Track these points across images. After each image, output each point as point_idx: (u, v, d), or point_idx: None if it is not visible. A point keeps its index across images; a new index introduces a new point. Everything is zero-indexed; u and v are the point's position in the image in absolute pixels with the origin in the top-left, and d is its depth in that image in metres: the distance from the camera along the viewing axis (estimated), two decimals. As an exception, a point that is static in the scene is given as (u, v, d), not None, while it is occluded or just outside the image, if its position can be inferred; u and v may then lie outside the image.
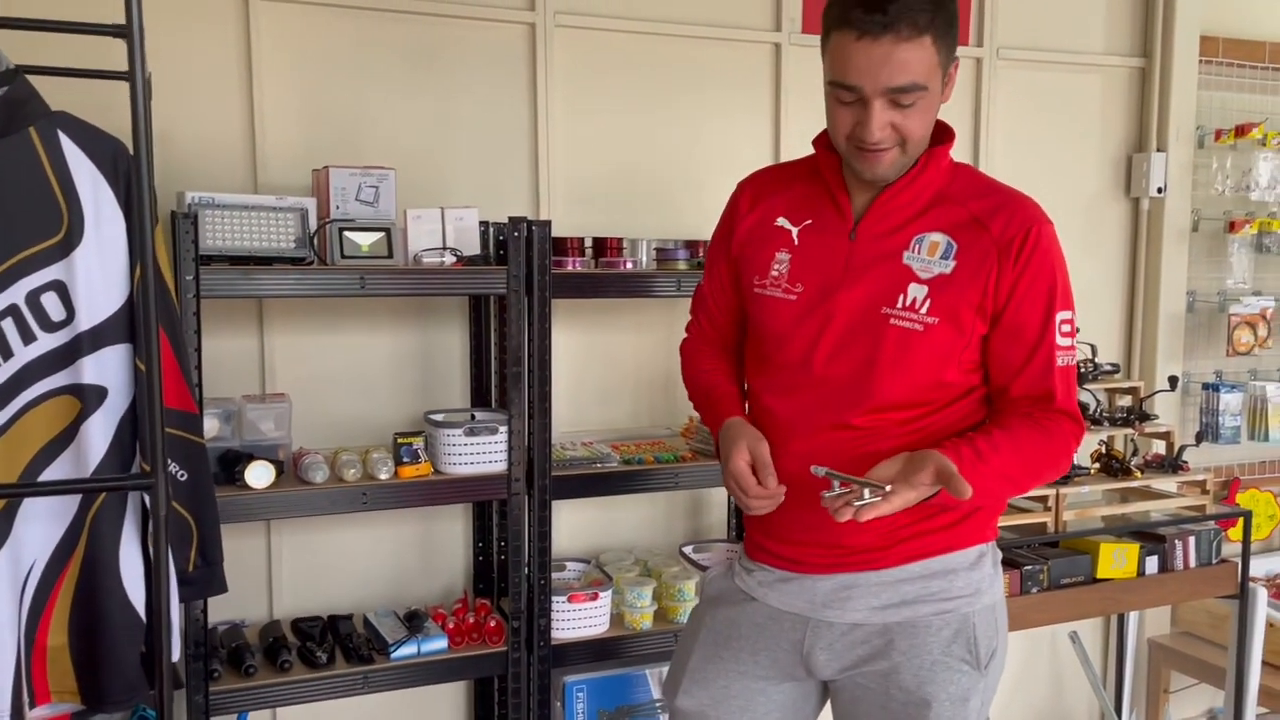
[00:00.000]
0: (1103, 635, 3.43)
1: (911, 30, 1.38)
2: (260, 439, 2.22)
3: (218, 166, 2.35)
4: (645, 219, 2.71)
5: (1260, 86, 3.41)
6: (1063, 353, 1.54)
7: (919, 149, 1.52)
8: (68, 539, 1.61)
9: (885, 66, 1.40)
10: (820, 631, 1.59)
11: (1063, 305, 1.54)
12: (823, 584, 1.59)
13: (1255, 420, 3.39)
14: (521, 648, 2.32)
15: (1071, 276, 1.59)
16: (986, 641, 1.58)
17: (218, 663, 2.15)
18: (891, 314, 1.52)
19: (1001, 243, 1.51)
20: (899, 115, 1.44)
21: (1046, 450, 1.54)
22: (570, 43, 2.62)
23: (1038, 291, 1.52)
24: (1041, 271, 1.52)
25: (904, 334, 1.51)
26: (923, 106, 1.46)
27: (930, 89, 1.45)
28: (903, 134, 1.46)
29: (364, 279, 2.12)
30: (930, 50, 1.42)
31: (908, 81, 1.41)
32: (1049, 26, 3.17)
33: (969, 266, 1.51)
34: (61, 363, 1.57)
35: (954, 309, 1.51)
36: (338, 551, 2.53)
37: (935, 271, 1.51)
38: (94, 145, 1.57)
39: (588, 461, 2.41)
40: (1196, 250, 3.36)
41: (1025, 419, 1.54)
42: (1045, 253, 1.52)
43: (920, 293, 1.51)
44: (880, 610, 1.56)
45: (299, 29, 2.40)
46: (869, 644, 1.57)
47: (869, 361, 1.52)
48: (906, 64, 1.40)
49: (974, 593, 1.58)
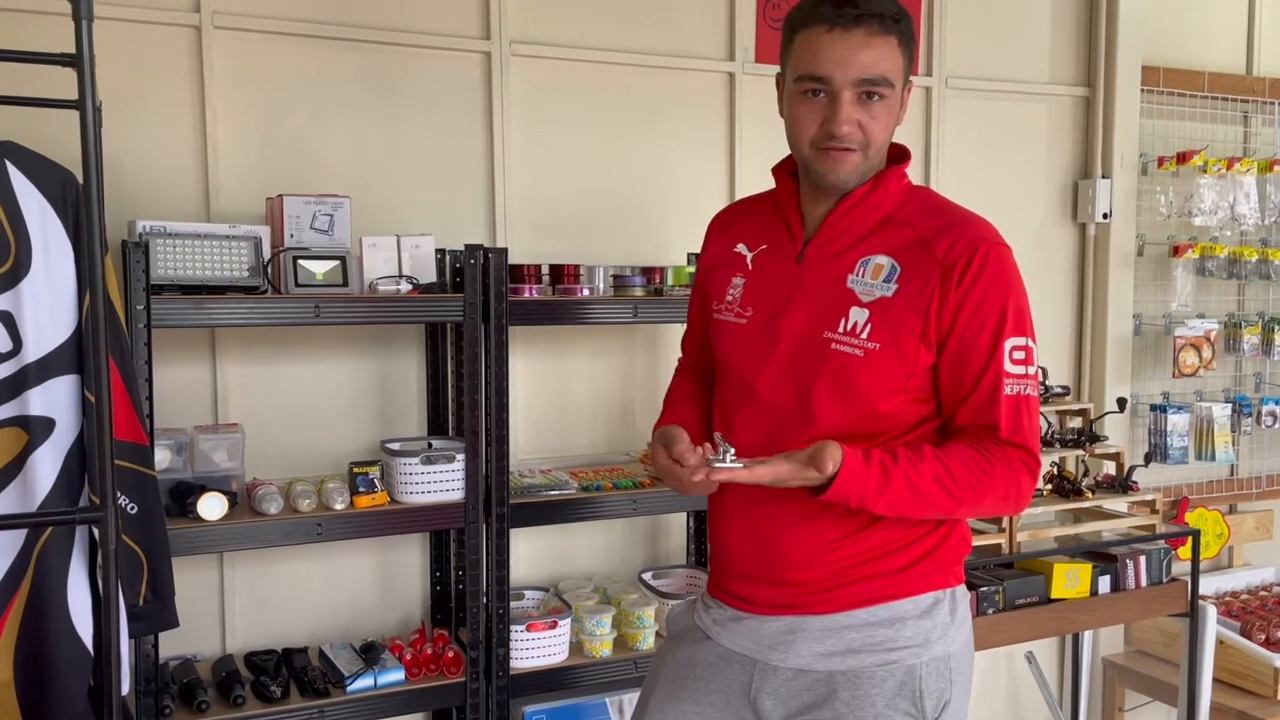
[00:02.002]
0: (1058, 655, 3.47)
1: (881, 26, 1.44)
2: (213, 470, 2.19)
3: (170, 195, 2.33)
4: (602, 246, 2.72)
5: (1200, 115, 3.50)
6: (1012, 380, 1.47)
7: (879, 157, 1.52)
8: (14, 572, 1.57)
9: (857, 57, 1.44)
10: (766, 675, 1.55)
11: (1014, 331, 1.47)
12: (769, 625, 1.56)
13: (1202, 440, 3.46)
14: (480, 678, 2.30)
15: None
16: (936, 695, 1.52)
17: (169, 699, 2.11)
18: (833, 338, 1.49)
19: (945, 264, 1.46)
20: (865, 113, 1.46)
21: (979, 474, 1.46)
22: (526, 71, 2.64)
23: (984, 315, 1.46)
24: (989, 295, 1.46)
25: (844, 359, 1.48)
26: (887, 109, 1.48)
27: (895, 91, 1.48)
28: (867, 135, 1.48)
29: (319, 307, 2.11)
30: (896, 51, 1.46)
31: (878, 74, 1.45)
32: (996, 57, 3.24)
33: (911, 290, 1.47)
34: (8, 394, 1.55)
35: (895, 334, 1.46)
36: (292, 583, 2.49)
37: (877, 295, 1.48)
38: (42, 175, 1.56)
39: (546, 489, 2.41)
40: (1142, 274, 3.44)
41: (966, 441, 1.49)
42: (993, 276, 1.46)
43: (861, 317, 1.48)
44: (825, 657, 1.52)
45: (252, 56, 2.39)
46: (813, 691, 1.52)
47: (809, 386, 1.50)
48: (877, 57, 1.44)
49: (922, 643, 1.51)
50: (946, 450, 1.47)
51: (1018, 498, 1.50)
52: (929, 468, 1.45)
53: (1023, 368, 1.47)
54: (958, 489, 1.46)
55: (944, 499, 1.46)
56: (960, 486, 1.46)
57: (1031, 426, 1.49)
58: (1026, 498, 1.51)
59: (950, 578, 1.57)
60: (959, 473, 1.45)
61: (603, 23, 2.72)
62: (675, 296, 2.49)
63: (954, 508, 1.48)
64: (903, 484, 1.43)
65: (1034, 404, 1.49)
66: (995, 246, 1.48)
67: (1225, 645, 3.17)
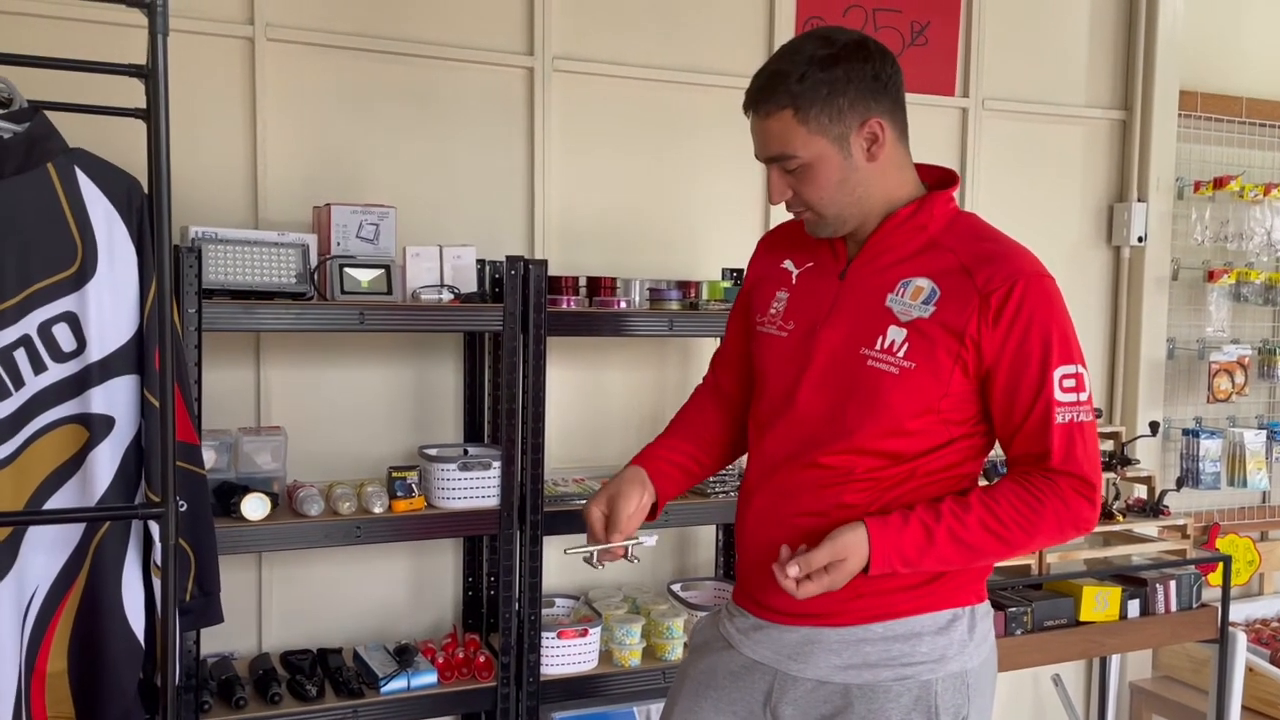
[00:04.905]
0: (1085, 678, 3.45)
1: (771, 105, 1.50)
2: (256, 471, 2.24)
3: (220, 201, 2.39)
4: (639, 259, 2.76)
5: (1237, 140, 3.50)
6: (1063, 409, 1.48)
7: (834, 210, 1.54)
8: (70, 566, 1.62)
9: (759, 138, 1.54)
10: (786, 685, 1.58)
11: (1062, 360, 1.48)
12: (789, 635, 1.58)
13: (1234, 466, 3.45)
14: (511, 683, 2.33)
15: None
16: (952, 710, 1.53)
17: (208, 695, 2.15)
18: (869, 355, 1.51)
19: (984, 293, 1.48)
20: (794, 181, 1.53)
21: (1028, 512, 1.48)
22: (567, 87, 2.69)
23: (1030, 346, 1.47)
24: (1033, 326, 1.47)
25: (879, 375, 1.51)
26: (811, 174, 1.51)
27: (812, 158, 1.50)
28: (803, 200, 1.55)
29: (364, 314, 2.15)
30: (792, 123, 1.49)
31: (777, 151, 1.52)
32: (1033, 79, 3.26)
33: (948, 313, 1.49)
34: (71, 392, 1.60)
35: (931, 354, 1.49)
36: (328, 584, 2.54)
37: (914, 315, 1.50)
38: (110, 182, 1.61)
39: (579, 497, 2.44)
40: (1176, 299, 3.44)
41: (1015, 478, 1.51)
42: (1035, 306, 1.47)
43: (899, 336, 1.50)
44: (841, 669, 1.54)
45: (303, 68, 2.45)
46: (830, 703, 1.55)
47: (843, 401, 1.53)
48: (771, 136, 1.52)
49: (938, 659, 1.53)
50: (994, 493, 1.50)
51: (1076, 525, 1.51)
52: (974, 517, 1.47)
53: (1074, 395, 1.49)
54: (1007, 531, 1.48)
55: (995, 544, 1.49)
56: (1009, 529, 1.48)
57: (1086, 453, 1.50)
58: (1088, 523, 1.52)
59: (970, 595, 1.59)
60: (1007, 515, 1.48)
61: (643, 39, 2.77)
62: (710, 311, 2.52)
63: (1008, 550, 1.51)
64: (947, 540, 1.47)
65: (1089, 430, 1.50)
66: (1036, 277, 1.50)
67: (1255, 673, 3.15)
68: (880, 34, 3.02)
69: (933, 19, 3.10)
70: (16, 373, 1.57)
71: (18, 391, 1.57)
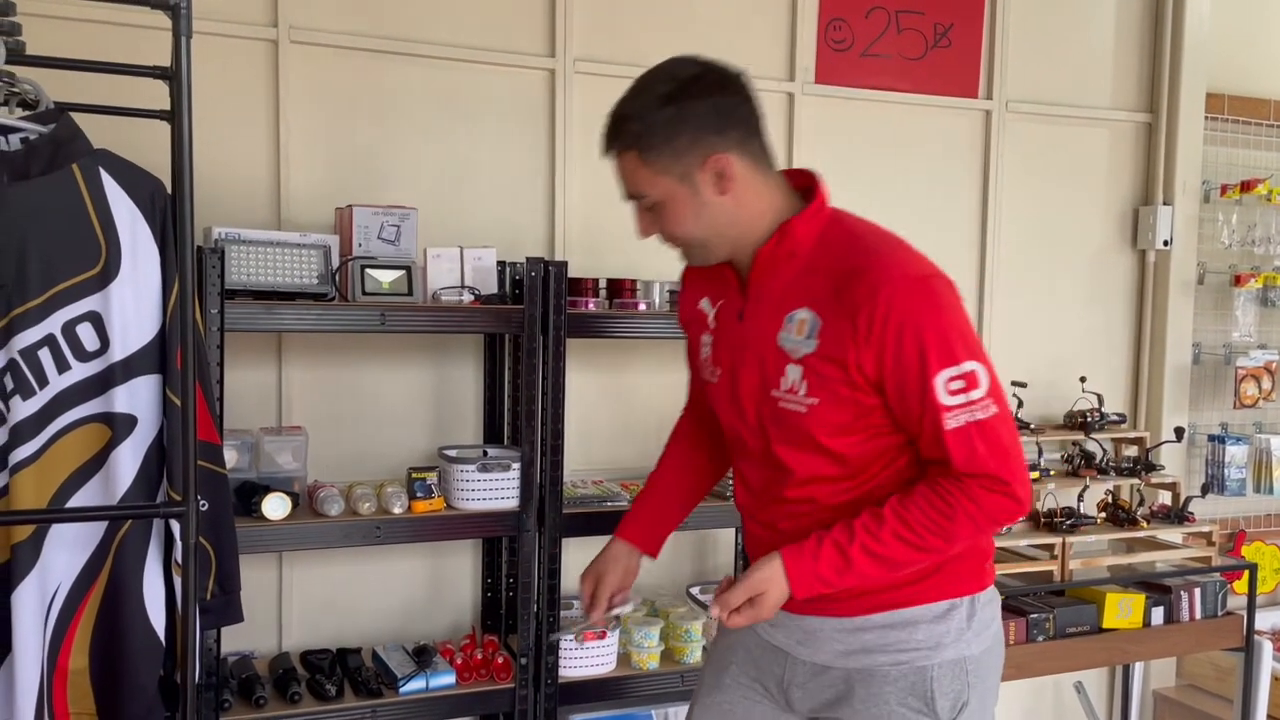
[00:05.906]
0: (1108, 686, 3.42)
1: (617, 146, 1.53)
2: (276, 471, 2.25)
3: (243, 202, 2.41)
4: (659, 261, 2.73)
5: (1265, 143, 3.47)
6: (953, 413, 1.43)
7: (699, 241, 1.55)
8: (93, 564, 1.63)
9: (617, 177, 1.57)
10: (796, 668, 1.64)
11: (941, 364, 1.43)
12: (799, 624, 1.63)
13: (1260, 473, 3.41)
14: (529, 685, 2.33)
15: (1078, 325, 1.56)
16: (951, 696, 1.55)
17: (228, 693, 2.17)
18: (779, 397, 1.52)
19: (852, 315, 1.44)
20: (655, 216, 1.55)
21: (939, 517, 1.47)
22: (589, 89, 2.69)
23: (906, 358, 1.43)
24: (904, 335, 1.42)
25: (792, 415, 1.51)
26: (666, 210, 1.53)
27: (662, 196, 1.51)
28: (666, 235, 1.56)
29: (385, 315, 2.16)
30: (638, 164, 1.51)
31: (632, 190, 1.55)
32: (1057, 81, 3.23)
33: (829, 345, 1.47)
34: (94, 391, 1.61)
35: (826, 387, 1.48)
36: (347, 585, 2.55)
37: (803, 352, 1.49)
38: (134, 183, 1.62)
39: (598, 499, 2.44)
40: (1202, 303, 3.40)
41: (928, 483, 1.50)
42: (904, 314, 1.42)
43: (796, 374, 1.50)
44: (843, 655, 1.60)
45: (325, 70, 2.46)
46: (834, 688, 1.61)
47: (774, 442, 1.56)
48: (624, 175, 1.55)
49: (934, 646, 1.56)
50: (907, 502, 1.49)
51: (995, 519, 1.50)
52: (889, 530, 1.48)
53: (963, 396, 1.44)
54: (922, 540, 1.48)
55: (913, 553, 1.50)
56: (924, 537, 1.48)
57: (990, 450, 1.45)
58: (1009, 513, 1.50)
59: (970, 585, 1.60)
60: (919, 524, 1.48)
61: (664, 41, 2.75)
62: (731, 313, 2.51)
63: (930, 555, 1.51)
64: (863, 557, 1.48)
65: (989, 426, 1.45)
66: (904, 282, 1.44)
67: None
68: (903, 36, 3.02)
69: (956, 21, 3.08)
70: (41, 372, 1.58)
71: (41, 390, 1.58)
